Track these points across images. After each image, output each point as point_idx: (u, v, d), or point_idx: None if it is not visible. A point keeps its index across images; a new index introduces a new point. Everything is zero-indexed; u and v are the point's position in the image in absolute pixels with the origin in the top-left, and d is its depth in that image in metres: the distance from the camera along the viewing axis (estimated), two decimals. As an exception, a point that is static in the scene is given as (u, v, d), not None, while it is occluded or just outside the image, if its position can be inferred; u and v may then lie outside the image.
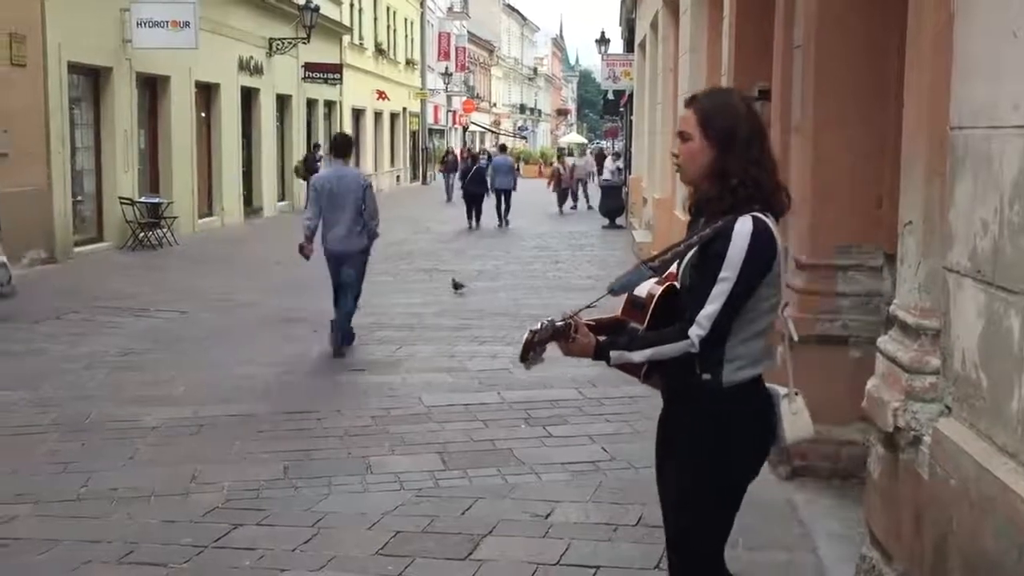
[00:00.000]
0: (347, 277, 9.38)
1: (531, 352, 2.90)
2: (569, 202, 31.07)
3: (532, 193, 31.69)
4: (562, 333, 2.92)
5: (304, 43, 27.40)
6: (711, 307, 2.85)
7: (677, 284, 3.02)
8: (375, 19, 40.45)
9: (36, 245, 15.26)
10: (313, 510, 5.29)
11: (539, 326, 2.89)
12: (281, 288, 13.66)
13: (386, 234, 22.34)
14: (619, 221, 24.90)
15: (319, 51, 29.67)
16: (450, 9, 57.94)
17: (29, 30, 15.15)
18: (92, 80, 17.73)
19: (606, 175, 28.88)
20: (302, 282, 14.28)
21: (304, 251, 9.47)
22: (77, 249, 16.55)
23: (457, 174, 33.01)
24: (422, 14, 49.43)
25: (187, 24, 18.25)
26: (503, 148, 31.87)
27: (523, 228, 24.23)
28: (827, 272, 5.51)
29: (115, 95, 17.99)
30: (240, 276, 15.03)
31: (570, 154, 45.79)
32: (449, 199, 33.90)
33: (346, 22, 34.46)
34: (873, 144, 5.44)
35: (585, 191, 32.17)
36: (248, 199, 25.43)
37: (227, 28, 22.99)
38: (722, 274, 2.84)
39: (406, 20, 46.48)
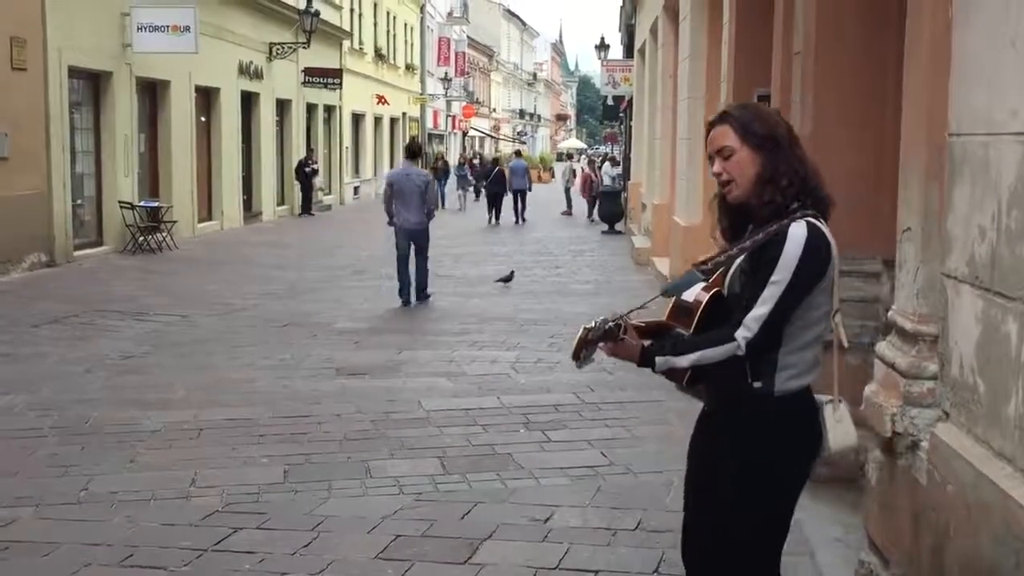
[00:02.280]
0: (419, 247, 12.82)
1: (583, 351, 2.85)
2: (564, 208, 31.34)
3: (534, 196, 31.71)
4: (611, 334, 2.87)
5: (304, 48, 27.45)
6: (760, 310, 2.80)
7: (724, 291, 2.97)
8: (375, 24, 40.49)
9: (36, 249, 15.27)
10: (313, 514, 5.31)
11: (592, 324, 2.84)
12: (281, 292, 13.68)
13: (384, 238, 22.36)
14: (618, 227, 24.93)
15: (319, 56, 29.72)
16: (450, 14, 57.99)
17: (30, 34, 15.17)
18: (92, 84, 17.75)
19: (606, 181, 28.93)
20: (301, 286, 14.32)
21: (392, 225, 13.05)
22: (77, 253, 16.56)
23: (447, 180, 32.71)
24: (422, 19, 49.47)
25: (187, 29, 18.28)
26: (518, 154, 35.15)
27: (523, 232, 24.26)
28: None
29: (115, 99, 18.01)
30: (239, 280, 15.03)
31: (569, 158, 45.82)
32: (442, 206, 33.38)
33: (346, 27, 34.50)
34: (871, 150, 5.47)
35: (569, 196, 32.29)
36: (248, 203, 25.46)
37: (227, 33, 23.03)
38: (774, 277, 2.80)
39: (406, 25, 46.53)
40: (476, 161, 36.13)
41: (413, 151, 13.70)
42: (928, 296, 3.65)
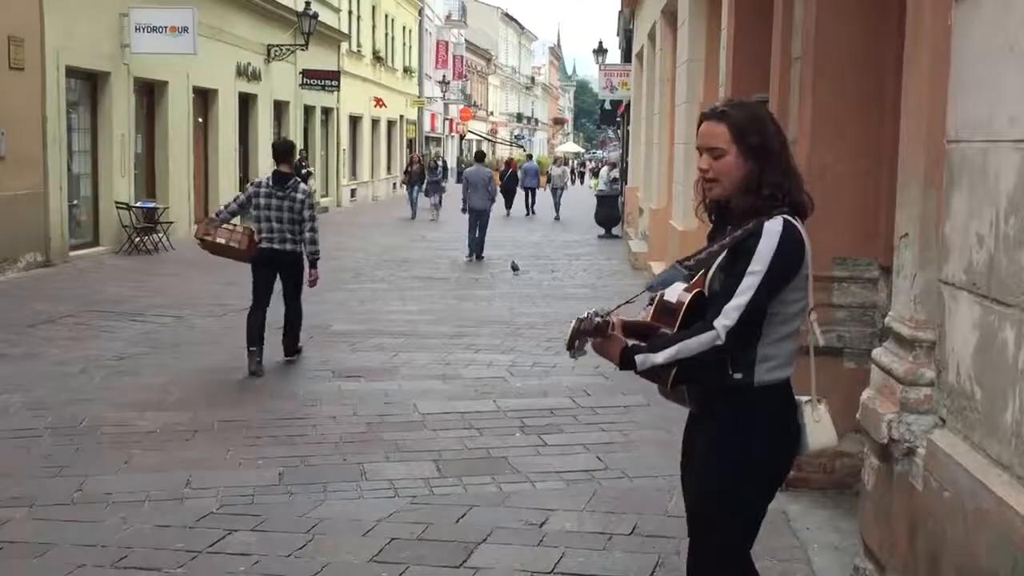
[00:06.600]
0: (483, 222, 19.06)
1: (576, 340, 2.92)
2: (553, 213, 31.33)
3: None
4: (600, 330, 2.93)
5: (302, 50, 27.43)
6: (739, 299, 2.86)
7: (705, 291, 3.02)
8: (373, 27, 40.48)
9: (32, 248, 15.25)
10: (308, 516, 5.29)
11: (585, 315, 2.91)
12: (276, 295, 13.62)
13: (381, 241, 22.31)
14: (615, 231, 24.92)
15: (317, 58, 29.71)
16: (448, 17, 58.03)
17: (28, 34, 15.16)
18: (90, 84, 17.73)
19: (601, 185, 28.93)
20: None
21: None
22: (73, 253, 16.53)
23: (423, 185, 30.16)
24: (420, 22, 49.48)
25: (186, 30, 18.26)
26: (529, 157, 43.20)
27: (519, 236, 24.25)
28: (823, 284, 5.53)
29: (113, 100, 17.99)
30: (235, 281, 14.95)
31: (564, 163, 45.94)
32: (413, 216, 29.51)
33: (344, 29, 34.48)
34: (870, 157, 5.46)
35: (558, 200, 32.20)
36: (244, 205, 25.40)
37: (225, 34, 23.01)
38: (751, 268, 2.87)
39: (404, 28, 46.54)
40: (415, 166, 32.50)
41: (480, 155, 21.76)
42: (925, 302, 3.65)
